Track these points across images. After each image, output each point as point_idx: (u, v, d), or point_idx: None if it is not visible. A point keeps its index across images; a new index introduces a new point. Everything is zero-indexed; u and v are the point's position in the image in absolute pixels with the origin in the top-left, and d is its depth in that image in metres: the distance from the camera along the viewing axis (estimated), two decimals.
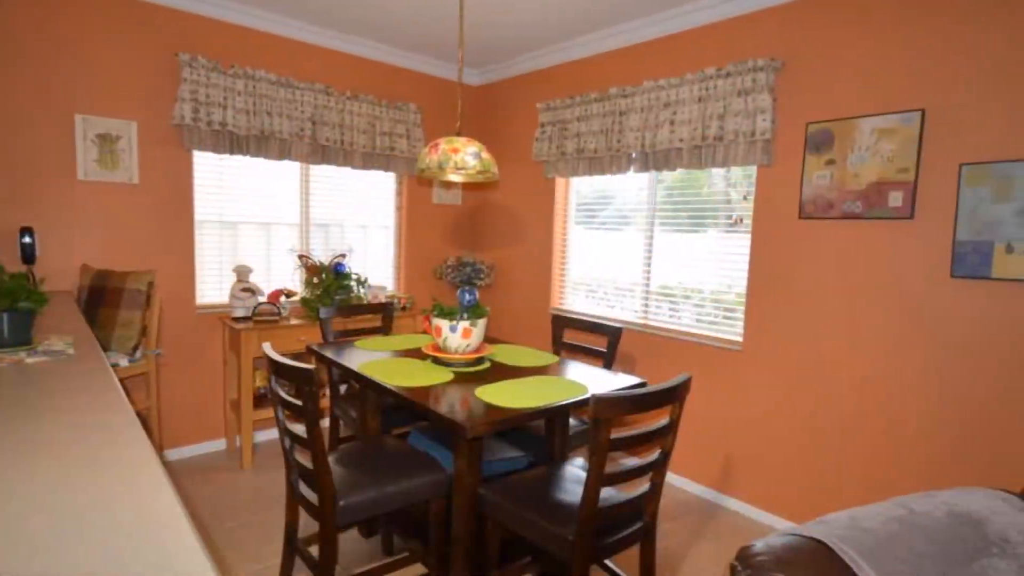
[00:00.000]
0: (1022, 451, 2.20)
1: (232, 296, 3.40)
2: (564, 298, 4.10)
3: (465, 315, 2.45)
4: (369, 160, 3.94)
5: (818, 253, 2.74)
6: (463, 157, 2.40)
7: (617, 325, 2.92)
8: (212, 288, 3.56)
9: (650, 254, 3.52)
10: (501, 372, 2.41)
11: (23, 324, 1.73)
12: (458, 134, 2.54)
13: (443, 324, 2.44)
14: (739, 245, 3.10)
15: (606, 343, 2.87)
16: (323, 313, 3.02)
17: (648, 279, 3.54)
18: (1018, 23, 2.16)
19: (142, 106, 3.19)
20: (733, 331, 3.14)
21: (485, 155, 2.45)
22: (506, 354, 2.72)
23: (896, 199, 2.47)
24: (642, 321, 3.55)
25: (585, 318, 3.11)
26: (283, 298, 3.55)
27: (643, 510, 1.99)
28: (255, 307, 3.40)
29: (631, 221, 3.64)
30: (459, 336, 2.43)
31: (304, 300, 3.60)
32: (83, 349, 1.75)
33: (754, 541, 1.14)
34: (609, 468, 1.76)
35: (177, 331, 3.42)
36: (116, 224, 3.17)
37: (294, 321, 3.49)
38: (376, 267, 4.32)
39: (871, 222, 2.56)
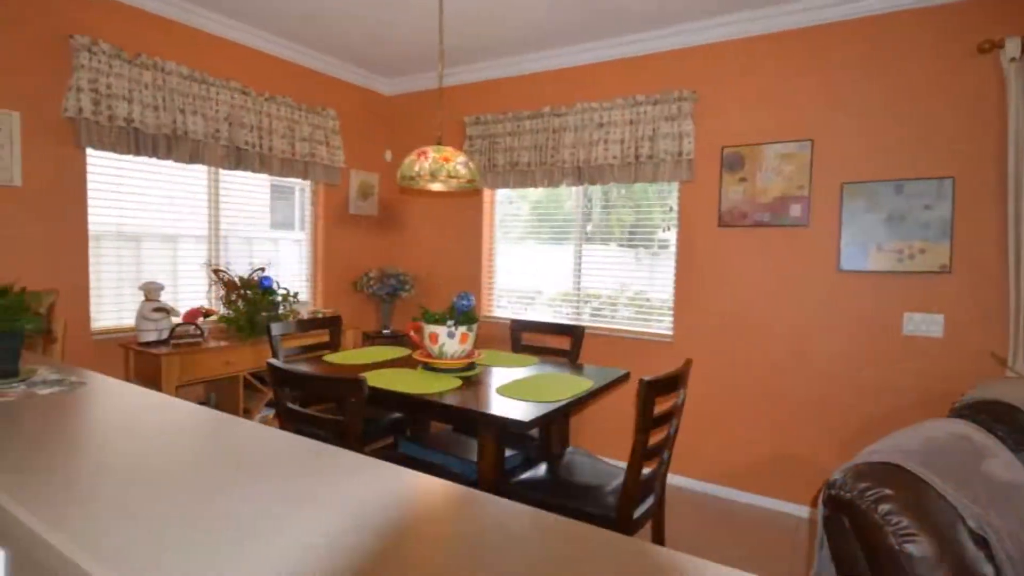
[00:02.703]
0: (896, 387, 2.87)
1: (141, 318, 2.95)
2: (492, 307, 4.23)
3: (457, 321, 2.48)
4: (288, 167, 3.68)
5: (734, 255, 3.25)
6: (455, 166, 2.44)
7: (580, 325, 3.16)
8: (110, 309, 3.04)
9: (580, 264, 3.82)
10: (498, 375, 2.48)
11: (13, 350, 1.42)
12: (439, 142, 2.58)
13: (440, 331, 2.44)
14: (667, 253, 3.53)
15: (569, 342, 3.06)
16: (276, 329, 2.78)
17: (579, 286, 3.82)
18: (876, 76, 2.85)
19: (27, 94, 2.66)
20: (663, 326, 3.55)
21: (472, 164, 2.52)
22: (489, 359, 2.79)
23: (796, 210, 3.06)
24: (576, 324, 3.82)
25: (543, 322, 3.30)
26: (200, 318, 3.17)
27: (655, 485, 2.22)
28: (172, 329, 2.99)
29: (565, 233, 3.91)
30: (456, 342, 2.45)
31: (227, 319, 3.24)
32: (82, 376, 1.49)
33: (834, 473, 1.41)
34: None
35: (70, 361, 2.86)
36: None
37: (214, 343, 3.13)
38: (289, 281, 4.01)
39: (777, 229, 3.13)
